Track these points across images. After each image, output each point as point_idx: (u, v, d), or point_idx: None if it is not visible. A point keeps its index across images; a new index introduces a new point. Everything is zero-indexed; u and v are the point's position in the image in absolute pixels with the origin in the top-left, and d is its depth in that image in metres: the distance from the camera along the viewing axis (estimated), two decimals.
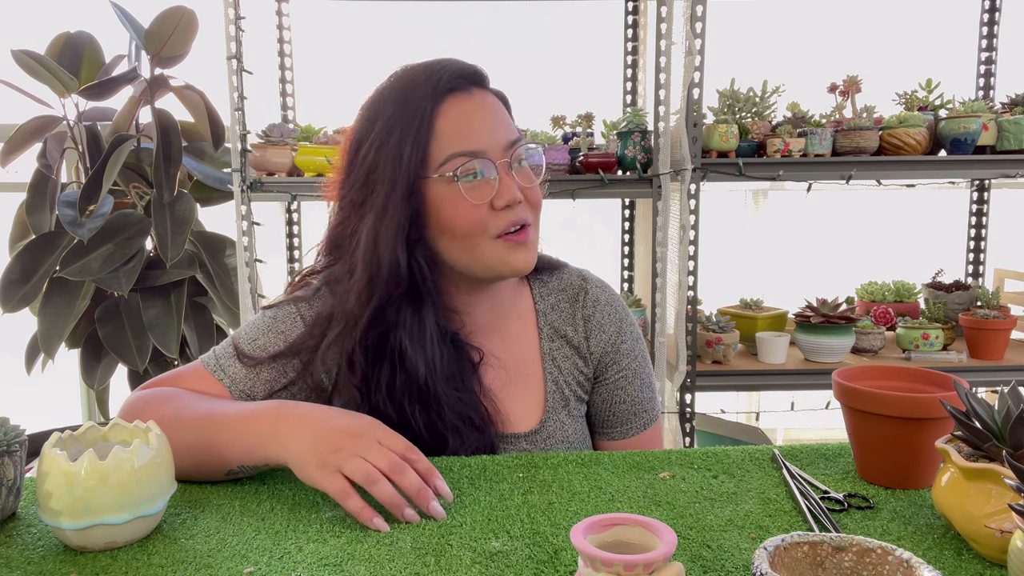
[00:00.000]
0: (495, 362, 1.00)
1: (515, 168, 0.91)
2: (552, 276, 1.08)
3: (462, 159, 0.88)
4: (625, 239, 2.62)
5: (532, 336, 1.04)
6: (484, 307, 1.01)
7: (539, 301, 1.05)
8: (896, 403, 0.75)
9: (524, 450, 0.99)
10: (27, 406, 2.42)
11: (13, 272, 1.91)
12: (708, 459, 0.87)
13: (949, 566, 0.62)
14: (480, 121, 0.91)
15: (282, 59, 2.46)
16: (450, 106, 0.90)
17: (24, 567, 0.65)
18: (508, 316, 1.04)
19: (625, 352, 1.05)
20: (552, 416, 1.01)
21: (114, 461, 0.67)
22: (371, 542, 0.68)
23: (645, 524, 0.53)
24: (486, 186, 0.89)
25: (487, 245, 0.91)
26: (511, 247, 0.91)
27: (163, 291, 1.99)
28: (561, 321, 1.05)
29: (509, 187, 0.89)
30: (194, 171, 2.07)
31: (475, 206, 0.89)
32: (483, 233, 0.90)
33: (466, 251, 0.91)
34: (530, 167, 0.94)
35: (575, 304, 1.05)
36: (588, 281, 1.07)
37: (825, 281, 2.43)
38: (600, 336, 1.04)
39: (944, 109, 2.17)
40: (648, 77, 2.42)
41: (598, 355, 1.05)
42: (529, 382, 1.02)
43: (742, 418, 2.68)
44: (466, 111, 0.90)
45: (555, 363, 1.03)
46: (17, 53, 1.86)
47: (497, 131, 0.91)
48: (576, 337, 1.04)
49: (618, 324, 1.06)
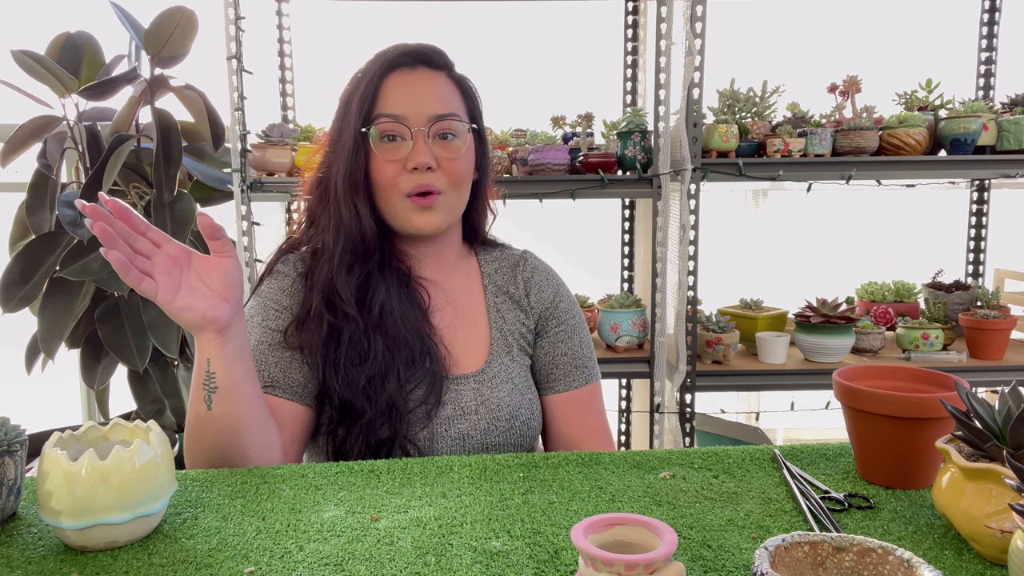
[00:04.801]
0: (442, 305, 1.11)
1: (436, 140, 1.02)
2: (496, 250, 1.21)
3: (385, 119, 1.02)
4: (625, 239, 2.62)
5: (478, 291, 1.16)
6: (429, 261, 1.12)
7: (484, 265, 1.18)
8: (896, 403, 0.75)
9: (472, 389, 1.06)
10: (27, 406, 2.42)
11: (13, 272, 1.91)
12: (709, 459, 0.87)
13: (949, 566, 0.62)
14: (411, 92, 1.03)
15: (282, 59, 2.46)
16: (393, 77, 1.04)
17: (25, 567, 0.65)
18: (454, 273, 1.15)
19: (564, 310, 1.17)
20: (496, 358, 1.10)
21: (115, 461, 0.67)
22: (371, 541, 0.68)
23: (646, 524, 0.53)
24: (401, 147, 1.02)
25: (398, 201, 1.03)
26: (415, 208, 1.03)
27: None
28: (504, 281, 1.17)
29: (419, 151, 1.01)
30: (194, 171, 2.07)
31: (389, 163, 1.02)
32: (394, 188, 1.02)
33: (384, 202, 1.05)
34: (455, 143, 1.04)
35: (516, 269, 1.18)
36: (528, 254, 1.21)
37: (825, 281, 2.43)
38: (540, 295, 1.16)
39: (944, 109, 2.17)
40: (648, 77, 2.42)
41: (539, 310, 1.16)
42: (475, 328, 1.12)
43: (742, 418, 2.68)
44: (403, 83, 1.04)
45: (500, 314, 1.14)
46: (17, 53, 1.86)
47: (425, 103, 1.02)
48: (517, 294, 1.16)
49: (555, 287, 1.18)
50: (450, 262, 1.14)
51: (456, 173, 1.04)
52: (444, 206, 1.05)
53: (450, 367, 1.06)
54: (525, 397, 1.09)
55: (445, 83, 1.06)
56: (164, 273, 0.85)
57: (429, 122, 1.02)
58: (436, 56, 1.06)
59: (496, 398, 1.06)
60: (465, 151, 1.05)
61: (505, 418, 1.05)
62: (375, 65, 1.05)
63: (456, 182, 1.05)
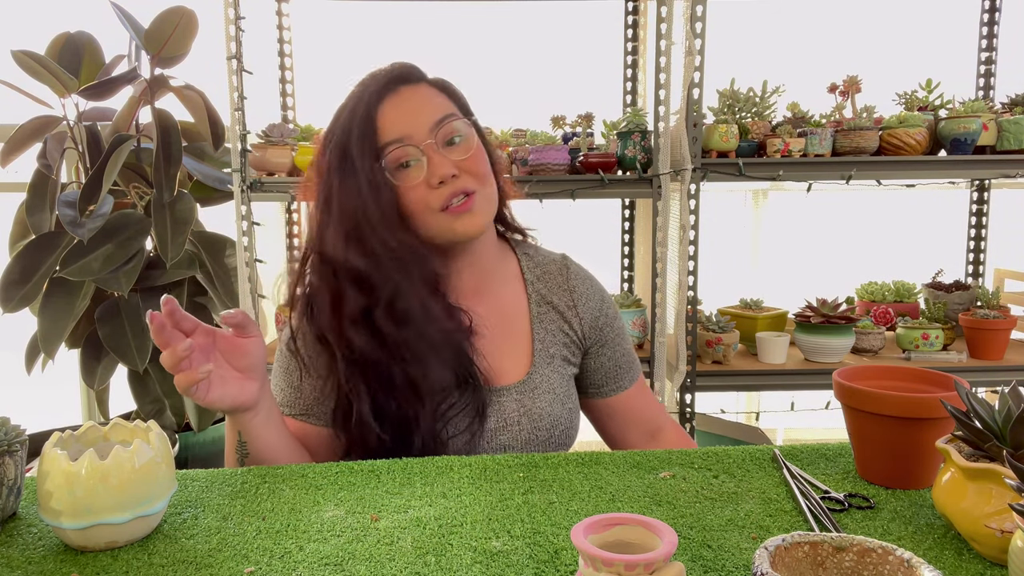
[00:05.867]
0: (483, 320, 1.08)
1: (445, 147, 1.01)
2: (536, 252, 1.19)
3: (392, 147, 0.99)
4: (625, 239, 2.62)
5: (521, 299, 1.14)
6: (469, 271, 1.09)
7: (527, 271, 1.15)
8: (896, 403, 0.75)
9: (515, 400, 1.06)
10: (27, 406, 2.42)
11: (13, 272, 1.91)
12: (709, 459, 0.87)
13: (950, 566, 0.62)
14: (404, 111, 1.02)
15: (282, 59, 2.46)
16: (385, 105, 1.02)
17: (25, 567, 0.65)
18: (494, 278, 1.12)
19: (611, 316, 1.17)
20: (538, 369, 1.09)
21: (115, 461, 0.67)
22: (371, 541, 0.68)
23: (646, 524, 0.53)
24: (418, 169, 1.00)
25: (434, 219, 1.00)
26: (455, 217, 1.00)
27: (163, 291, 1.99)
28: (548, 290, 1.15)
29: (438, 164, 0.99)
30: (194, 171, 2.07)
31: (413, 187, 1.00)
32: (427, 209, 1.00)
33: (421, 225, 1.02)
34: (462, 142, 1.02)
35: (561, 276, 1.16)
36: (568, 260, 1.20)
37: (825, 281, 2.43)
38: (587, 305, 1.15)
39: (944, 109, 2.17)
40: (648, 77, 2.42)
41: (588, 322, 1.15)
42: (517, 339, 1.11)
43: (742, 418, 2.68)
44: (392, 106, 1.02)
45: (542, 324, 1.13)
46: (17, 53, 1.86)
47: (420, 116, 1.01)
48: (562, 305, 1.14)
49: (599, 293, 1.18)
50: (489, 266, 1.12)
51: (478, 170, 1.03)
52: (481, 204, 1.02)
53: (492, 379, 1.06)
54: (566, 407, 1.09)
55: (429, 90, 1.06)
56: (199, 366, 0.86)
57: (433, 132, 1.00)
58: (410, 71, 1.06)
59: (538, 408, 1.06)
60: (476, 147, 1.04)
61: (546, 428, 1.06)
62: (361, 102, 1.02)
63: (482, 178, 1.03)
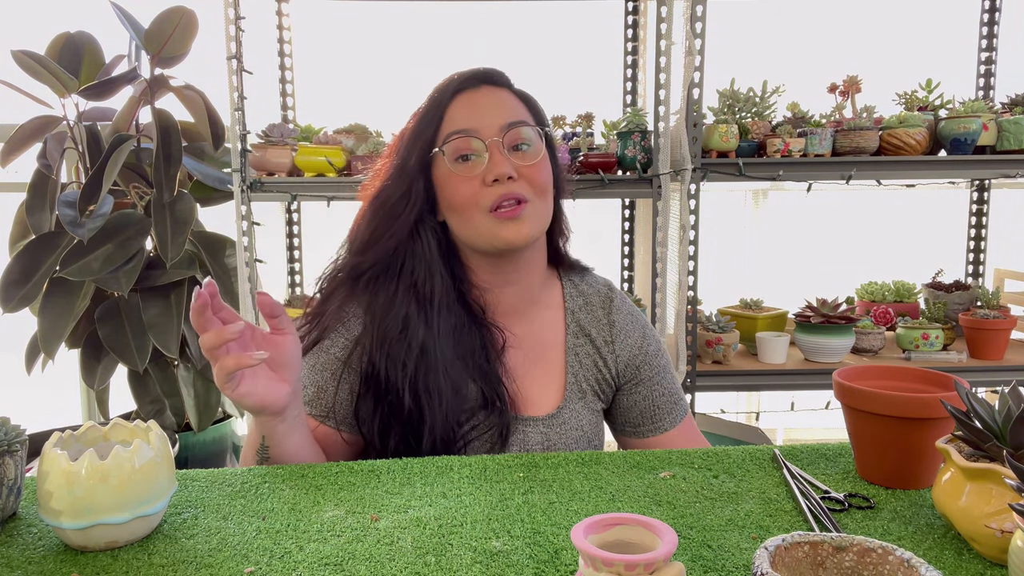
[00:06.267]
0: (517, 342, 1.07)
1: (510, 150, 0.99)
2: (582, 279, 1.15)
3: (456, 136, 0.99)
4: (625, 239, 2.62)
5: (558, 328, 1.10)
6: (511, 290, 1.07)
7: (568, 300, 1.12)
8: (896, 403, 0.75)
9: (541, 433, 1.04)
10: (27, 406, 2.42)
11: (13, 272, 1.91)
12: (709, 459, 0.87)
13: (950, 566, 0.62)
14: (477, 107, 1.01)
15: (282, 59, 2.46)
16: (459, 99, 1.02)
17: (25, 567, 0.65)
18: (536, 303, 1.10)
19: (652, 353, 1.13)
20: (569, 404, 1.06)
21: (114, 461, 0.67)
22: (371, 541, 0.68)
23: (646, 524, 0.53)
24: (476, 164, 0.98)
25: (481, 218, 0.98)
26: (502, 221, 0.97)
27: (163, 291, 1.99)
28: (588, 321, 1.11)
29: (497, 163, 0.97)
30: (194, 171, 2.07)
31: (467, 179, 0.98)
32: (475, 206, 0.98)
33: (464, 224, 1.00)
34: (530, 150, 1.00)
35: (603, 309, 1.12)
36: (613, 291, 1.16)
37: (825, 281, 2.43)
38: (626, 341, 1.11)
39: (944, 109, 2.17)
40: (648, 77, 2.42)
41: (625, 359, 1.11)
42: (550, 369, 1.08)
43: (742, 418, 2.68)
44: (469, 101, 1.02)
45: (577, 358, 1.09)
46: (17, 53, 1.86)
47: (493, 114, 1.00)
48: (600, 339, 1.10)
49: (641, 329, 1.13)
50: (533, 290, 1.09)
51: (538, 180, 0.99)
52: (531, 215, 0.99)
53: (520, 407, 1.03)
54: (592, 444, 1.08)
55: (510, 97, 1.04)
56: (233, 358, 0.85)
57: (501, 131, 0.98)
58: (497, 75, 1.06)
59: (563, 445, 1.04)
60: (542, 159, 1.01)
61: None
62: (436, 97, 1.03)
63: (540, 190, 1.00)
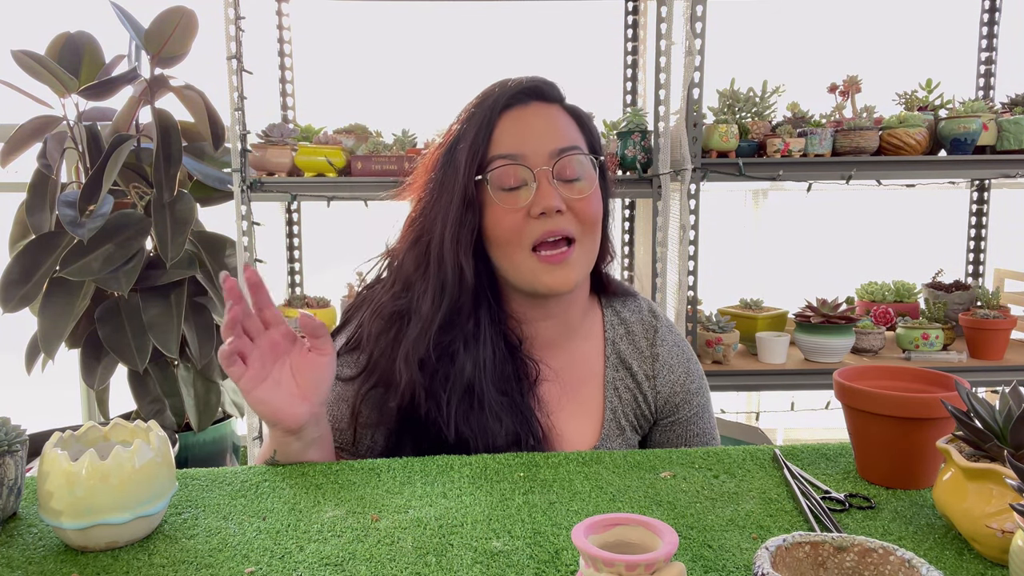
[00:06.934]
0: (553, 377, 1.00)
1: (560, 180, 0.91)
2: (625, 306, 1.08)
3: (501, 161, 0.91)
4: (625, 239, 2.62)
5: (598, 361, 1.03)
6: (550, 323, 1.00)
7: (609, 329, 1.05)
8: (897, 403, 0.75)
9: None
10: (27, 406, 2.42)
11: (13, 272, 1.91)
12: (709, 459, 0.87)
13: (950, 566, 0.62)
14: (528, 129, 0.92)
15: (282, 59, 2.46)
16: (507, 117, 0.93)
17: (25, 567, 0.65)
18: (575, 336, 1.03)
19: (694, 391, 1.06)
20: (606, 442, 1.01)
21: (115, 461, 0.67)
22: (372, 542, 0.68)
23: (646, 524, 0.53)
24: (522, 194, 0.90)
25: (523, 257, 0.91)
26: (546, 266, 0.90)
27: (163, 291, 1.98)
28: (629, 353, 1.04)
29: (546, 194, 0.89)
30: (194, 171, 2.07)
31: (511, 211, 0.90)
32: (518, 242, 0.90)
33: (506, 260, 0.93)
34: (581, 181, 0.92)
35: (646, 339, 1.05)
36: (659, 319, 1.07)
37: (825, 281, 2.43)
38: (669, 376, 1.04)
39: (944, 109, 2.17)
40: (648, 77, 2.42)
41: (665, 395, 1.04)
42: (588, 404, 1.02)
43: (742, 418, 2.68)
44: (518, 120, 0.93)
45: (616, 392, 1.03)
46: (17, 53, 1.86)
47: (543, 138, 0.92)
48: (641, 373, 1.04)
49: (686, 365, 1.06)
50: (573, 322, 1.02)
51: (588, 216, 0.92)
52: (579, 258, 0.92)
53: (554, 444, 0.97)
54: None
55: (562, 116, 0.97)
56: (259, 360, 0.83)
57: (552, 159, 0.91)
58: (549, 89, 0.98)
59: None
60: (593, 191, 0.93)
61: None
62: (483, 107, 0.94)
63: (590, 225, 0.93)
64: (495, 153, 0.91)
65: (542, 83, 0.97)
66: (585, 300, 1.04)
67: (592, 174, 0.95)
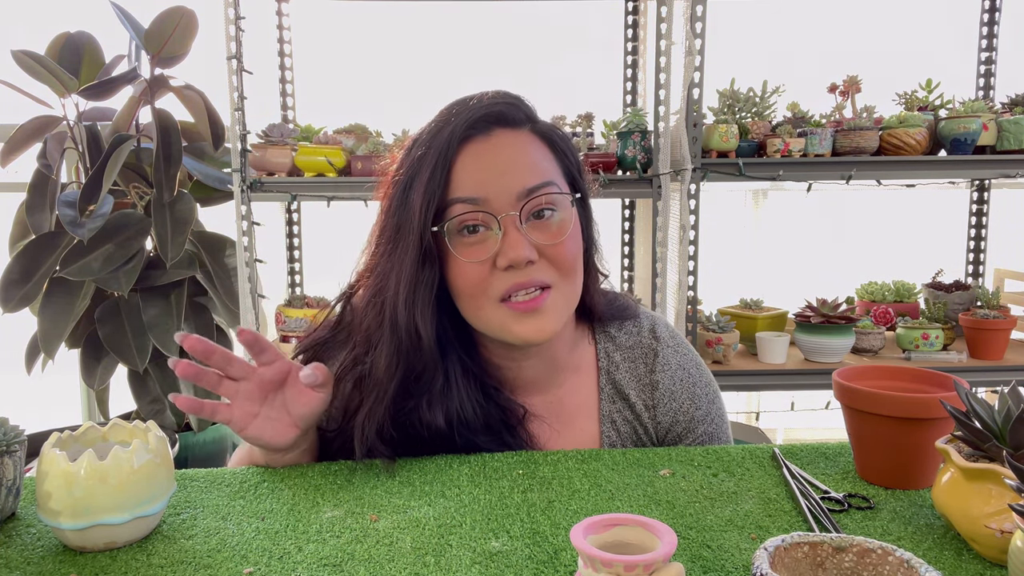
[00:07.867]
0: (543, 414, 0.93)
1: (532, 222, 0.81)
2: (621, 330, 0.98)
3: (461, 207, 0.80)
4: (625, 239, 2.62)
5: (591, 394, 0.95)
6: (532, 362, 0.92)
7: (603, 358, 0.96)
8: (896, 403, 0.75)
9: None
10: (27, 406, 2.42)
11: (13, 272, 1.91)
12: (708, 457, 0.87)
13: (949, 566, 0.62)
14: (490, 166, 0.81)
15: (282, 59, 2.46)
16: (466, 152, 0.82)
17: (24, 567, 0.65)
18: (563, 371, 0.94)
19: (700, 419, 0.96)
20: None
21: (113, 461, 0.67)
22: (371, 542, 0.68)
23: (645, 524, 0.53)
24: (487, 241, 0.80)
25: (491, 309, 0.81)
26: (516, 315, 0.81)
27: (163, 291, 1.99)
28: (626, 383, 0.95)
29: (514, 244, 0.79)
30: (194, 171, 2.07)
31: (473, 264, 0.80)
32: (484, 295, 0.81)
33: (470, 312, 0.84)
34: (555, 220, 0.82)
35: (645, 366, 0.95)
36: (660, 341, 0.97)
37: (825, 281, 2.43)
38: (670, 405, 0.95)
39: (944, 109, 2.17)
40: (648, 77, 2.42)
41: (667, 425, 0.96)
42: (583, 440, 0.95)
43: (742, 418, 2.68)
44: (479, 155, 0.81)
45: (614, 426, 0.95)
46: (17, 53, 1.86)
47: (509, 176, 0.80)
48: (640, 403, 0.95)
49: (690, 391, 0.96)
50: (560, 359, 0.93)
51: (565, 260, 0.82)
52: (556, 304, 0.82)
53: None
54: None
55: (531, 143, 0.84)
56: (247, 400, 0.81)
57: (519, 201, 0.80)
58: (512, 112, 0.84)
59: None
60: (571, 232, 0.82)
61: None
62: (439, 140, 0.82)
63: (567, 270, 0.83)
64: (454, 196, 0.80)
65: (504, 105, 0.84)
66: (571, 334, 0.95)
67: (569, 210, 0.83)
